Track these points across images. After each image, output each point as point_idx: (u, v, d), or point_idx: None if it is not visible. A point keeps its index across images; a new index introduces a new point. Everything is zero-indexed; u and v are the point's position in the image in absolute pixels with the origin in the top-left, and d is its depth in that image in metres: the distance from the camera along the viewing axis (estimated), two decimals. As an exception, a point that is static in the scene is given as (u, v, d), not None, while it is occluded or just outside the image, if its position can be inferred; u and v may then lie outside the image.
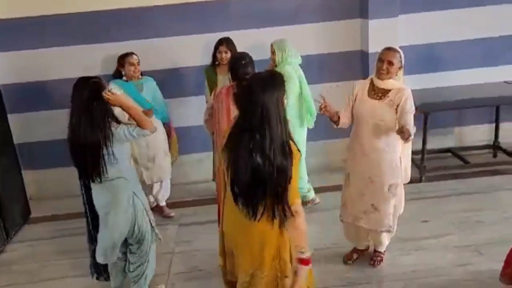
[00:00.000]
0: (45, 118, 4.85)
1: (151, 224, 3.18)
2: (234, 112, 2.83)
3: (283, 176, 2.18)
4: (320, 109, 3.24)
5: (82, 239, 3.64)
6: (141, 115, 2.93)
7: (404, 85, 3.22)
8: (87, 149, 2.83)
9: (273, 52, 4.10)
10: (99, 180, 2.90)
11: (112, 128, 2.88)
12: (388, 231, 3.40)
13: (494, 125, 5.16)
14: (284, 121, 2.21)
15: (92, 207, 3.12)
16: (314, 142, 4.74)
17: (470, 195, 4.43)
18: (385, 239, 3.49)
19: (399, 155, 3.28)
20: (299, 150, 2.28)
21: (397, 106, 3.14)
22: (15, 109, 4.78)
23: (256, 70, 3.42)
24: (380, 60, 3.16)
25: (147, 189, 4.28)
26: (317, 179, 4.66)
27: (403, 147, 3.31)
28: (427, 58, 5.04)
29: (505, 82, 5.04)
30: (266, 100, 2.14)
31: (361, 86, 3.29)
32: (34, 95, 4.81)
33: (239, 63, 3.40)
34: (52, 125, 4.78)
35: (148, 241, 3.17)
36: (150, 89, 4.18)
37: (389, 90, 3.17)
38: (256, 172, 2.16)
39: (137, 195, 3.07)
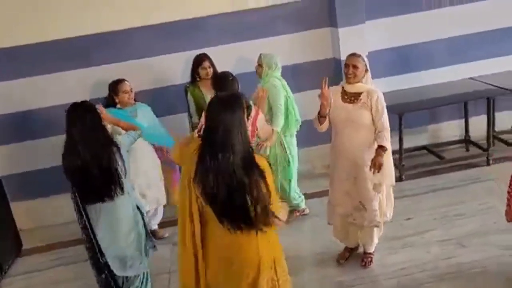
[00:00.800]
0: (30, 147, 4.85)
1: (147, 234, 3.29)
2: None
3: (256, 193, 2.24)
4: (322, 94, 3.29)
5: (78, 267, 3.69)
6: (129, 123, 3.34)
7: (373, 87, 3.43)
8: (99, 170, 2.92)
9: (259, 64, 4.23)
10: (117, 194, 2.99)
11: (116, 141, 3.06)
12: (376, 226, 3.57)
13: (464, 120, 5.42)
14: (247, 140, 2.30)
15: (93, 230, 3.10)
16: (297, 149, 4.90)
17: (448, 190, 4.64)
18: (375, 236, 3.65)
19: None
20: (270, 164, 2.37)
21: (371, 108, 3.34)
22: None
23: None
24: (346, 65, 3.39)
25: None
26: (302, 186, 4.80)
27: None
28: (396, 60, 5.25)
29: (470, 78, 5.30)
30: (228, 120, 2.23)
31: (334, 93, 3.46)
32: (17, 126, 4.81)
33: (225, 80, 3.55)
34: (38, 154, 4.80)
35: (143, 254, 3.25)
36: (146, 117, 4.11)
37: (360, 93, 3.38)
38: (228, 191, 2.24)
39: (138, 208, 3.22)
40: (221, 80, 3.60)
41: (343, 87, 3.46)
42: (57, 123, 4.07)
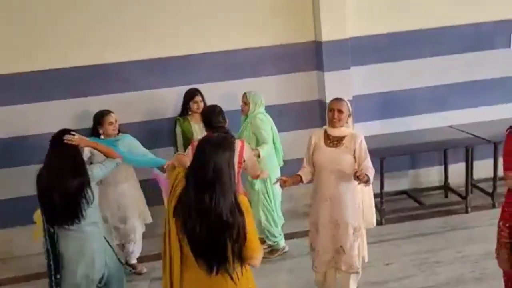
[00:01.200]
0: (5, 175, 4.79)
1: (120, 262, 3.35)
2: None
3: (236, 233, 2.24)
4: (282, 186, 3.45)
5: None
6: (108, 148, 3.39)
7: (355, 131, 3.50)
8: (67, 194, 2.97)
9: (245, 103, 4.32)
10: (78, 222, 3.03)
11: (89, 171, 3.09)
12: (356, 273, 3.54)
13: (443, 167, 5.53)
14: (234, 181, 2.32)
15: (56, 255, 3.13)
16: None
17: (427, 236, 4.69)
18: (352, 283, 3.62)
19: (360, 198, 3.50)
20: (250, 202, 2.42)
21: (354, 151, 3.39)
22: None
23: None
24: (331, 110, 3.43)
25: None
26: (283, 225, 4.78)
27: (365, 193, 3.54)
28: (379, 105, 5.39)
29: (450, 126, 5.45)
30: (217, 161, 2.25)
31: (317, 136, 3.52)
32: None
33: (211, 113, 3.68)
34: (12, 182, 4.74)
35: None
36: (128, 145, 4.12)
37: (343, 137, 3.43)
38: (209, 230, 2.24)
39: (107, 240, 3.24)
40: (207, 113, 3.74)
41: (325, 130, 3.52)
42: (33, 152, 4.16)
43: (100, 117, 4.11)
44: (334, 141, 3.44)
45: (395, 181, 5.47)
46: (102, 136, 4.10)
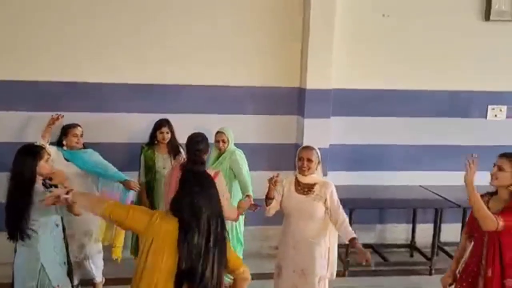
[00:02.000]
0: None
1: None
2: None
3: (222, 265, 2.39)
4: (271, 178, 3.41)
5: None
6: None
7: (326, 180, 3.54)
8: (12, 211, 2.98)
9: (223, 141, 4.35)
10: (16, 239, 3.01)
11: (35, 197, 2.98)
12: None
13: (411, 225, 5.57)
14: (222, 217, 2.42)
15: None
16: (246, 227, 4.89)
17: (389, 292, 4.66)
18: None
19: (327, 247, 3.48)
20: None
21: (325, 200, 3.40)
22: None
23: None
24: (300, 158, 3.46)
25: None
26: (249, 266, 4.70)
27: (332, 240, 3.53)
28: (354, 157, 5.48)
29: (420, 186, 5.55)
30: (201, 198, 2.36)
31: (287, 182, 3.53)
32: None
33: (193, 140, 3.65)
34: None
35: None
36: (91, 155, 4.17)
37: (314, 184, 3.44)
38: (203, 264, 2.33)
39: (45, 269, 3.05)
40: (189, 140, 3.68)
41: (296, 177, 3.53)
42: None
43: (67, 128, 4.17)
44: (304, 188, 3.45)
45: (362, 234, 5.33)
46: (65, 147, 4.13)
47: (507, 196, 2.96)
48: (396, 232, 5.69)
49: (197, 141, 3.61)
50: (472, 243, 3.13)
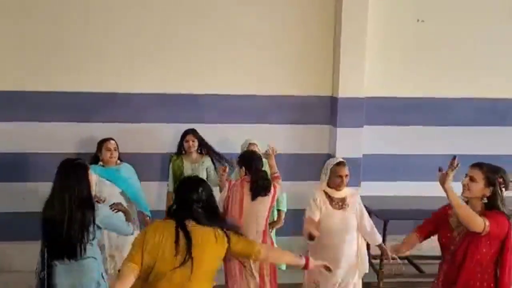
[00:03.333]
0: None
1: None
2: (248, 202, 3.51)
3: None
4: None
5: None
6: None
7: (351, 189, 3.63)
8: (70, 227, 2.91)
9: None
10: (75, 259, 2.94)
11: (99, 207, 3.04)
12: None
13: (448, 236, 5.41)
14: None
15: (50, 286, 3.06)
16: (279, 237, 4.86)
17: (426, 304, 4.53)
18: None
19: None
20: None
21: (356, 209, 3.47)
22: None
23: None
24: (339, 176, 3.50)
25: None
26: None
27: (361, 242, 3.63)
28: (388, 167, 5.38)
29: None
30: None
31: (321, 201, 3.54)
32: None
33: (253, 158, 3.85)
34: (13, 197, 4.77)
35: None
36: (126, 171, 4.23)
37: (345, 197, 3.52)
38: None
39: (103, 276, 3.14)
40: (249, 157, 3.91)
41: (325, 192, 3.54)
42: (25, 169, 4.39)
43: (100, 143, 4.24)
44: (338, 203, 3.52)
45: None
46: (101, 163, 4.19)
47: (479, 208, 2.81)
48: (432, 244, 5.52)
49: (257, 158, 3.87)
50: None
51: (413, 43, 5.25)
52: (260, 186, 3.73)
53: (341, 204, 3.50)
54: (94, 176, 3.54)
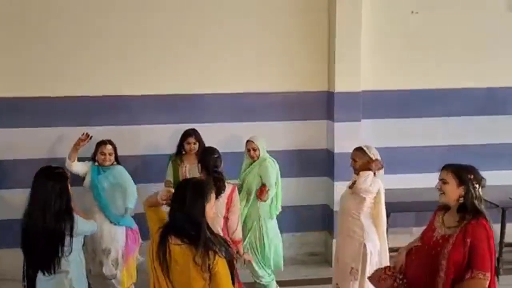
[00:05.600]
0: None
1: None
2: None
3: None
4: None
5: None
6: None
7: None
8: (47, 239, 2.85)
9: (254, 149, 4.32)
10: (50, 272, 2.87)
11: (77, 219, 2.95)
12: None
13: None
14: (204, 228, 2.30)
15: None
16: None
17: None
18: None
19: (363, 242, 3.57)
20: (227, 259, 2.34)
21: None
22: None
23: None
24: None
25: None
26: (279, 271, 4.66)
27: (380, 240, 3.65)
28: (387, 160, 5.30)
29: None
30: (191, 205, 2.30)
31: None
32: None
33: (211, 156, 3.68)
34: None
35: None
36: (112, 175, 4.19)
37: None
38: None
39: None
40: (206, 155, 3.75)
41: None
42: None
43: (96, 146, 4.23)
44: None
45: (398, 238, 5.23)
46: (96, 163, 4.20)
47: (457, 218, 2.68)
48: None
49: (215, 158, 3.69)
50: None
51: (408, 34, 5.21)
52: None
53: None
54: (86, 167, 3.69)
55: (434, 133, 5.38)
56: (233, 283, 2.35)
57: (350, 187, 3.71)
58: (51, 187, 2.90)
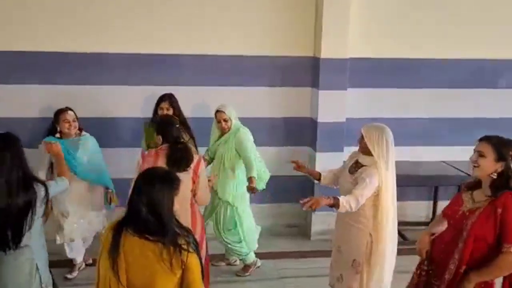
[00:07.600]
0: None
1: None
2: None
3: None
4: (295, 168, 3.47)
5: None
6: (63, 168, 3.12)
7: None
8: (10, 214, 2.57)
9: (225, 120, 4.05)
10: (14, 247, 2.60)
11: (37, 188, 2.67)
12: None
13: (432, 202, 5.30)
14: (172, 225, 2.16)
15: None
16: (258, 205, 4.69)
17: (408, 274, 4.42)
18: None
19: (368, 233, 3.22)
20: (196, 252, 2.20)
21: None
22: None
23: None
24: None
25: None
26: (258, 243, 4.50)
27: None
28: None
29: (442, 162, 5.24)
30: (154, 196, 2.14)
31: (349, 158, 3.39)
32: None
33: (172, 127, 3.36)
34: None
35: None
36: (87, 149, 3.95)
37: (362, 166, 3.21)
38: None
39: (39, 269, 2.74)
40: (165, 126, 3.39)
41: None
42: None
43: (56, 114, 3.93)
44: (356, 169, 3.22)
45: None
46: (57, 135, 3.90)
47: (488, 184, 2.52)
48: (416, 209, 5.42)
49: (176, 128, 3.38)
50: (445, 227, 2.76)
51: (399, 1, 4.97)
52: (178, 159, 3.15)
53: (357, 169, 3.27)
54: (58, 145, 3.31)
55: (419, 105, 5.21)
56: (202, 274, 2.22)
57: (351, 171, 3.27)
58: (6, 156, 2.58)
